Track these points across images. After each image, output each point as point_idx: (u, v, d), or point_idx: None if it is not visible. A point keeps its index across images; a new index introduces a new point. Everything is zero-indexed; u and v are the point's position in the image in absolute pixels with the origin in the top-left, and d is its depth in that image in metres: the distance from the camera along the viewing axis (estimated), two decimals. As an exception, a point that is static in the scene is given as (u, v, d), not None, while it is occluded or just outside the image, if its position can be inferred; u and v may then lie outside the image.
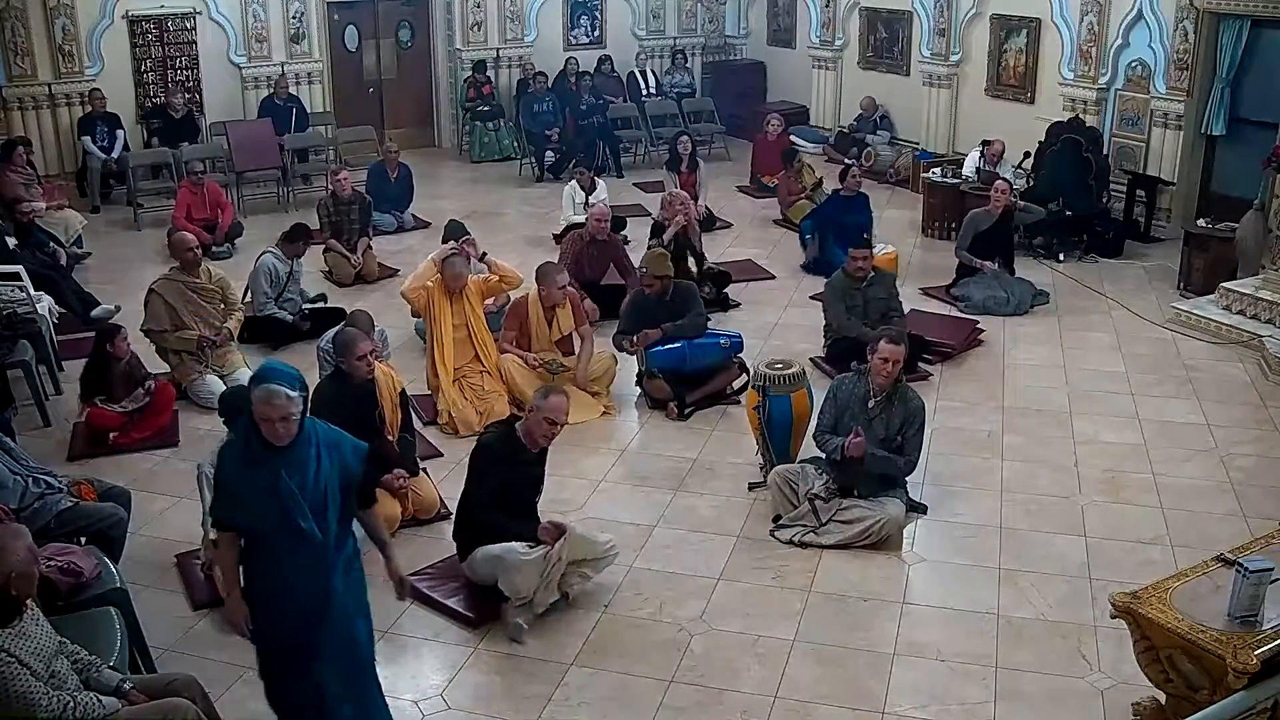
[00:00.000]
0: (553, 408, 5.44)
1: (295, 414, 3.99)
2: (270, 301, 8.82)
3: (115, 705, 4.06)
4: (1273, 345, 8.43)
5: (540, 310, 7.81)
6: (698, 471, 6.89)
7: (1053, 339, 8.98)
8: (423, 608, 5.51)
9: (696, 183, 11.71)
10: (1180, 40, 10.96)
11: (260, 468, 4.03)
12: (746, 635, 5.32)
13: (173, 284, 7.91)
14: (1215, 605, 4.00)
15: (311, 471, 4.07)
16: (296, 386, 4.01)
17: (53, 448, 7.14)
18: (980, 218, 9.71)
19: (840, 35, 15.19)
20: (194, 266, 7.99)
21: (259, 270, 8.85)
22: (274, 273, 8.83)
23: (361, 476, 4.28)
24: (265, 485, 4.02)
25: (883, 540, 6.00)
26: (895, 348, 6.06)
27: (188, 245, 8.00)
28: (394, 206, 11.91)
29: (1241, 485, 6.68)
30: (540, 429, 5.44)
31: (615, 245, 9.54)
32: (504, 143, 14.91)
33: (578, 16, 16.00)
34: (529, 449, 5.50)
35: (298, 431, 4.03)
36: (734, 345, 7.86)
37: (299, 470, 4.05)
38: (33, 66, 12.52)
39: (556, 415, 5.45)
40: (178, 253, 8.04)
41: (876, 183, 13.46)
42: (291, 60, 14.04)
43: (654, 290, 7.83)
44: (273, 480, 4.01)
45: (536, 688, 4.96)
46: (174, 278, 7.96)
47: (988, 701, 4.86)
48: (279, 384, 3.97)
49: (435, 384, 7.56)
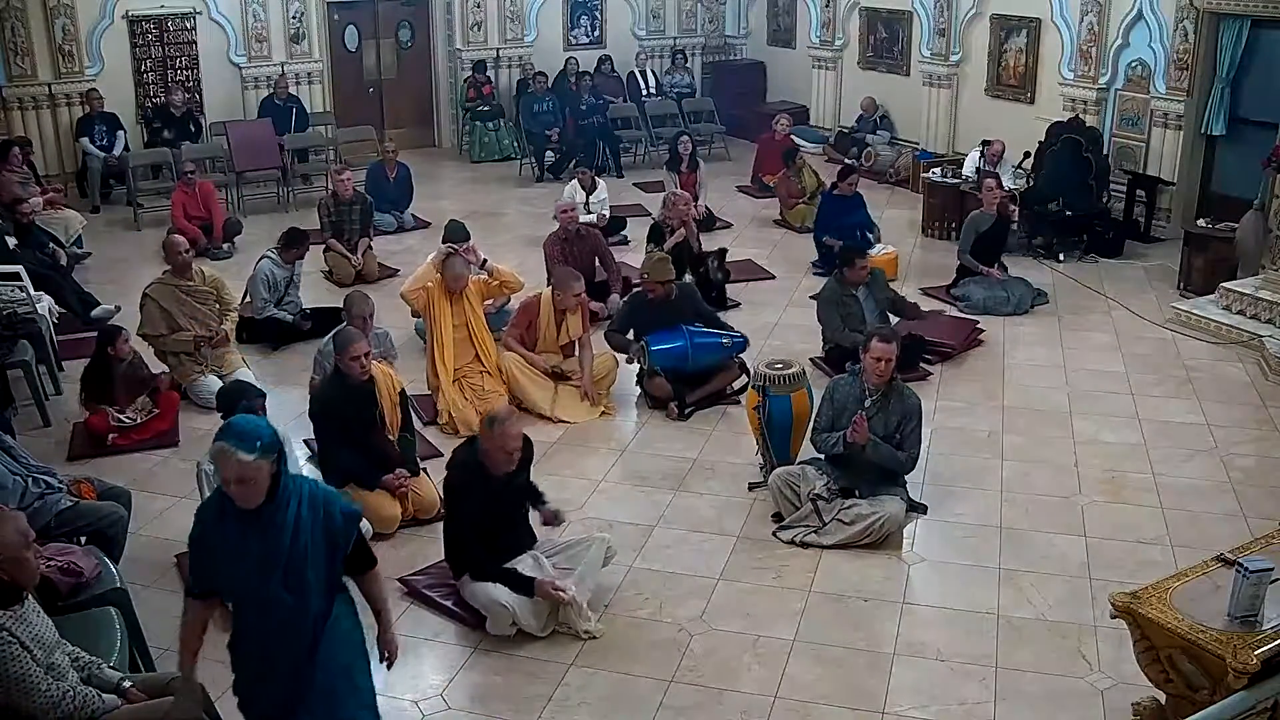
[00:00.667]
0: (504, 436, 5.19)
1: (254, 477, 3.68)
2: (269, 304, 8.82)
3: (115, 702, 4.06)
4: (1273, 345, 8.43)
5: (552, 312, 7.80)
6: (698, 471, 6.89)
7: (1053, 339, 8.98)
8: (423, 607, 5.52)
9: (697, 183, 11.72)
10: (1180, 40, 10.96)
11: (230, 529, 3.77)
12: (746, 635, 5.32)
13: (166, 287, 7.90)
14: (1215, 605, 4.00)
15: (288, 536, 3.77)
16: (257, 448, 3.66)
17: (53, 448, 7.14)
18: (980, 219, 9.72)
19: (840, 35, 15.19)
20: (185, 269, 7.97)
21: (256, 275, 8.86)
22: (271, 278, 8.82)
23: (351, 542, 3.95)
24: (235, 549, 3.77)
25: (883, 539, 6.00)
26: (886, 346, 6.06)
27: (178, 249, 7.98)
28: (393, 206, 11.91)
29: (1241, 485, 6.68)
30: (499, 456, 5.23)
31: (594, 238, 9.53)
32: (504, 143, 14.92)
33: (578, 16, 16.01)
34: (493, 472, 5.29)
35: (274, 493, 3.75)
36: (736, 345, 7.86)
37: (274, 535, 3.76)
38: (33, 66, 12.53)
39: (510, 444, 5.22)
40: (169, 256, 8.03)
41: (876, 182, 13.48)
42: (291, 60, 14.04)
43: (657, 295, 7.82)
44: (242, 544, 3.76)
45: (536, 688, 4.96)
46: (167, 281, 7.94)
47: (988, 701, 4.86)
48: (232, 443, 3.66)
49: (435, 384, 7.56)
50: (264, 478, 3.70)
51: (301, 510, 3.81)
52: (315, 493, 3.90)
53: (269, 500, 3.75)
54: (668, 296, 7.82)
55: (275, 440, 3.75)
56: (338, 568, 3.95)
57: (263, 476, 3.70)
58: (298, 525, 3.79)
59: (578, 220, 9.39)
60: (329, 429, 6.19)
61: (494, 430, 5.21)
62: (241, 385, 5.98)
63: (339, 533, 3.90)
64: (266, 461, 3.69)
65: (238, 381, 6.37)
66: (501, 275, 8.04)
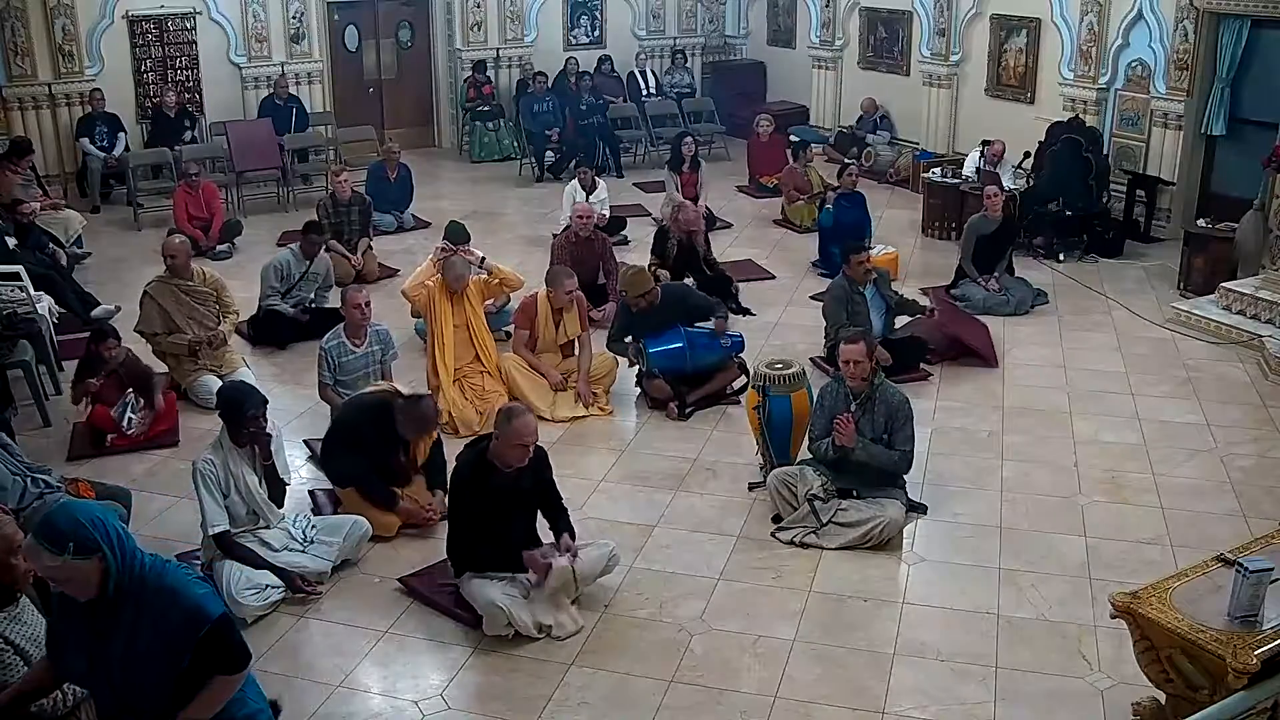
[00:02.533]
0: (519, 431, 5.18)
1: (72, 577, 3.32)
2: (274, 295, 8.85)
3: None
4: (1273, 345, 8.43)
5: (549, 311, 7.79)
6: (698, 471, 6.89)
7: (1053, 339, 8.98)
8: (423, 607, 5.51)
9: (698, 183, 11.72)
10: (1180, 40, 10.96)
11: (73, 619, 3.46)
12: (746, 635, 5.31)
13: (165, 286, 7.89)
14: (1215, 605, 4.00)
15: (120, 640, 3.40)
16: (68, 550, 3.27)
17: (53, 448, 7.14)
18: (980, 223, 9.67)
19: (840, 35, 15.19)
20: (184, 270, 7.97)
21: (270, 264, 8.95)
22: (284, 268, 8.89)
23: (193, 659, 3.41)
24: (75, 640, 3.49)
25: (884, 542, 6.00)
26: (852, 347, 6.06)
27: (174, 250, 7.98)
28: (393, 206, 11.90)
29: (1241, 485, 6.68)
30: (512, 452, 5.21)
31: (601, 242, 9.52)
32: (504, 143, 14.92)
33: (578, 16, 16.01)
34: (503, 470, 5.27)
35: (104, 591, 3.35)
36: (735, 345, 7.86)
37: (104, 634, 3.41)
38: (33, 66, 12.52)
39: (526, 438, 5.21)
40: (168, 257, 8.00)
41: (876, 183, 13.48)
42: (291, 60, 14.04)
43: (641, 307, 7.78)
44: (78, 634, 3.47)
45: (536, 688, 4.95)
46: (166, 280, 7.93)
47: (988, 701, 4.86)
48: (41, 542, 3.30)
49: (435, 384, 7.56)
50: (85, 576, 3.33)
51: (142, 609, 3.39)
52: (160, 590, 3.42)
53: (104, 598, 3.38)
54: (651, 305, 7.79)
55: (95, 540, 3.32)
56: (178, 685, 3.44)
57: (82, 575, 3.33)
58: (134, 627, 3.40)
59: (590, 227, 9.38)
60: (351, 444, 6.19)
61: (510, 423, 5.20)
62: (243, 390, 5.84)
63: (178, 641, 3.40)
64: (83, 562, 3.31)
65: (239, 385, 6.19)
66: (501, 274, 8.03)
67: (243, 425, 5.52)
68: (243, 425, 5.52)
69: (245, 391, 5.78)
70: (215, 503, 5.45)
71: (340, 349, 7.12)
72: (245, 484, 5.56)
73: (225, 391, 5.93)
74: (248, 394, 5.71)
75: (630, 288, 7.77)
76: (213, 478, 5.46)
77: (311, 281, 9.04)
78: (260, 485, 5.63)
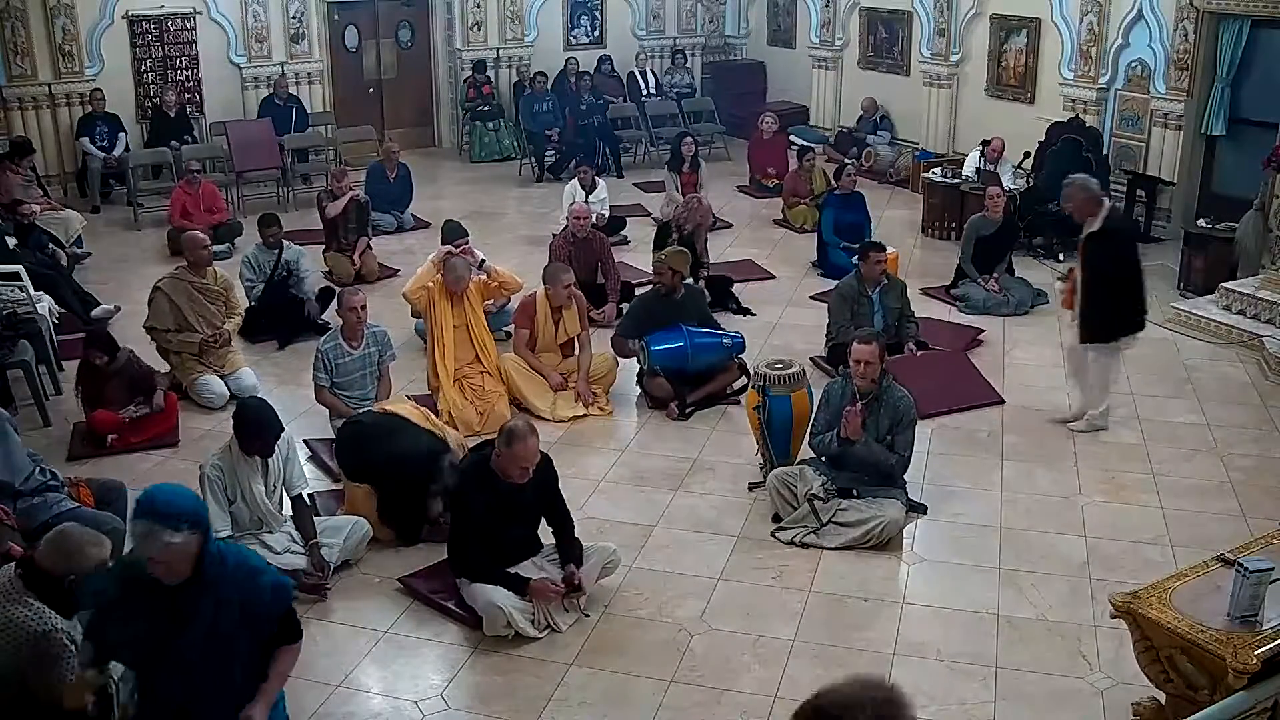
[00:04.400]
0: (519, 455, 5.13)
1: (180, 556, 3.38)
2: (256, 284, 8.98)
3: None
4: (1273, 345, 8.43)
5: (548, 309, 7.80)
6: (698, 471, 6.89)
7: (1053, 339, 8.97)
8: (423, 607, 5.51)
9: (698, 183, 11.71)
10: (1180, 40, 10.96)
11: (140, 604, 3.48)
12: (746, 635, 5.31)
13: (179, 283, 7.90)
14: (1215, 605, 4.00)
15: (203, 624, 3.48)
16: (183, 525, 3.38)
17: (53, 448, 7.12)
18: (980, 224, 9.66)
19: (840, 35, 15.19)
20: (204, 265, 7.98)
21: (241, 260, 9.19)
22: (255, 261, 9.05)
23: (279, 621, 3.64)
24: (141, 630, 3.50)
25: (884, 542, 5.99)
26: (865, 347, 6.05)
27: (200, 244, 7.99)
28: (393, 206, 11.90)
29: (1241, 485, 6.68)
30: (513, 470, 5.18)
31: (600, 243, 9.52)
32: (504, 143, 14.92)
33: (578, 16, 16.00)
34: (503, 480, 5.23)
35: (199, 570, 3.45)
36: (735, 345, 7.87)
37: (185, 619, 3.47)
38: (33, 66, 12.52)
39: (525, 462, 5.16)
40: (191, 251, 7.99)
41: (876, 183, 13.48)
42: (291, 60, 14.04)
43: (665, 280, 7.81)
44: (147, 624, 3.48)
45: (536, 688, 4.95)
46: (181, 277, 7.94)
47: (988, 701, 4.86)
48: (158, 522, 3.37)
49: (435, 384, 7.56)
50: (189, 554, 3.43)
51: (223, 589, 3.50)
52: (239, 565, 3.58)
53: (193, 579, 3.46)
54: (675, 289, 7.81)
55: (199, 512, 3.47)
56: (257, 650, 3.61)
57: (187, 554, 3.42)
58: (216, 610, 3.49)
59: (588, 227, 9.38)
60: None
61: (511, 446, 5.15)
62: (265, 417, 5.59)
63: (265, 609, 3.59)
64: (195, 537, 3.42)
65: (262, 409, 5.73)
66: (500, 276, 8.03)
67: (253, 448, 5.59)
68: (253, 448, 5.59)
69: (267, 420, 5.59)
70: (219, 508, 5.49)
71: (337, 351, 7.10)
72: (252, 491, 5.59)
73: (248, 410, 5.70)
74: (269, 423, 5.58)
75: (672, 259, 7.91)
76: (220, 484, 5.53)
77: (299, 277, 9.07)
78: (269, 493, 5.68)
